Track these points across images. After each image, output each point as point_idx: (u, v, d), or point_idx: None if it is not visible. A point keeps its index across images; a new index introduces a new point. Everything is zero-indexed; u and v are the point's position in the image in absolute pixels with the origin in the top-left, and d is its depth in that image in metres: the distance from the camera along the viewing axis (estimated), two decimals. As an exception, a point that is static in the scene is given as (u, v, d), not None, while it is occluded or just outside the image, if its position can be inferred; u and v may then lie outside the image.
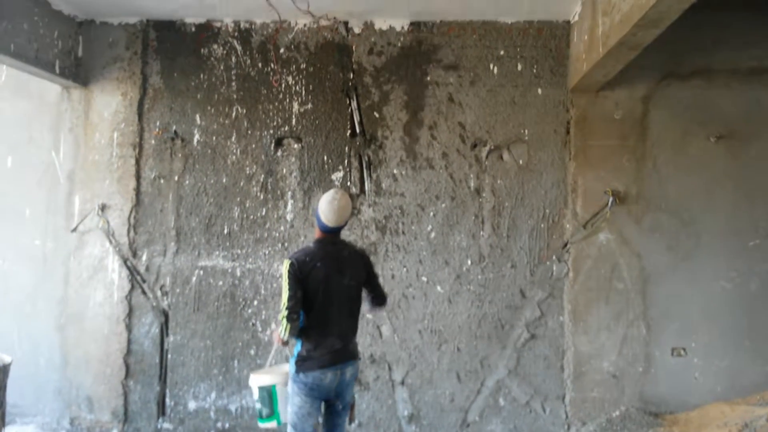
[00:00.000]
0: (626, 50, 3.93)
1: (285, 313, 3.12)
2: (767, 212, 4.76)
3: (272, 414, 3.43)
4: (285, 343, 3.23)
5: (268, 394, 3.43)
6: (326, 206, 3.25)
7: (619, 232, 4.75)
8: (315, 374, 3.19)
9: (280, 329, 3.13)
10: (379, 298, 3.55)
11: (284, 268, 3.19)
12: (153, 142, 4.97)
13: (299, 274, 3.17)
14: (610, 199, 4.71)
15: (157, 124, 4.97)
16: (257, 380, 3.47)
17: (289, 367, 3.29)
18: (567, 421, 4.67)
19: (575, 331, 4.72)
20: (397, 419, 4.74)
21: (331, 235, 3.34)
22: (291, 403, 3.26)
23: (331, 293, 3.24)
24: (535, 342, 4.74)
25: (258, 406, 3.45)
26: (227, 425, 4.78)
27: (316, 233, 3.38)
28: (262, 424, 3.48)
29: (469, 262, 4.82)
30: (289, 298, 3.14)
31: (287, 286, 3.15)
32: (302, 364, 3.21)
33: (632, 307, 4.72)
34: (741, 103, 4.81)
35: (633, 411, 4.64)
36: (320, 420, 3.39)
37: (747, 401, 4.55)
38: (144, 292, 4.89)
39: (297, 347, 3.27)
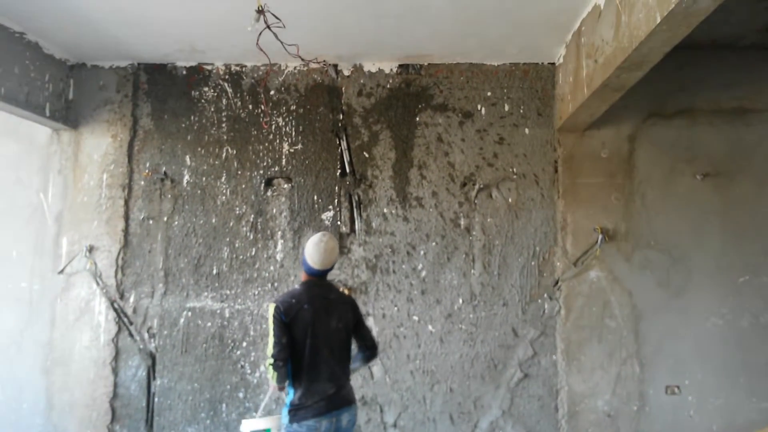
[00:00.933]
0: (610, 91, 4.01)
1: (270, 360, 3.08)
2: (756, 248, 4.78)
3: None
4: (282, 389, 3.17)
5: None
6: (313, 249, 3.22)
7: (609, 270, 4.75)
8: (309, 423, 3.09)
9: (269, 377, 3.08)
10: (369, 348, 3.45)
11: (269, 312, 3.13)
12: (142, 183, 4.97)
13: (285, 318, 3.11)
14: (600, 236, 4.73)
15: (147, 165, 4.98)
16: (250, 425, 3.39)
17: (282, 417, 3.20)
18: (562, 463, 4.60)
19: (569, 370, 4.67)
20: (390, 463, 4.65)
21: (317, 278, 3.31)
22: None
23: (320, 335, 3.17)
24: (529, 381, 4.69)
25: None
26: (215, 472, 4.67)
27: (302, 276, 3.35)
28: None
29: (461, 300, 4.79)
30: (274, 345, 3.08)
31: (272, 332, 3.10)
32: (296, 413, 3.11)
33: (625, 345, 4.69)
34: (725, 142, 4.89)
35: (629, 451, 4.57)
36: None
37: (743, 439, 4.50)
38: (131, 335, 4.82)
39: (289, 395, 3.18)
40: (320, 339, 3.16)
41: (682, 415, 4.65)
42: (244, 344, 4.78)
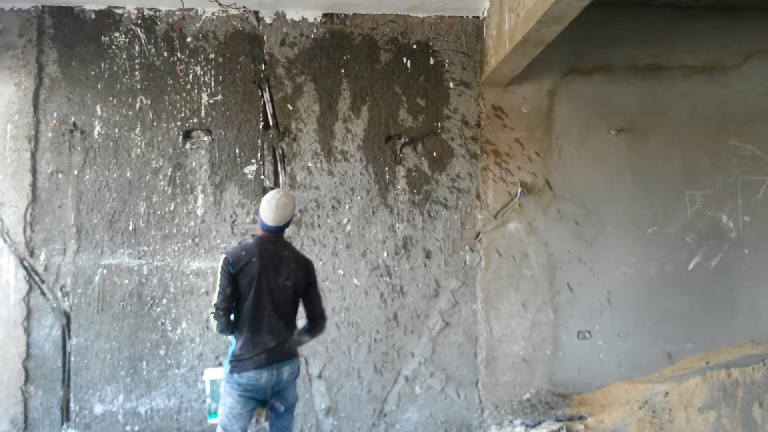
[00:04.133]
0: (531, 46, 4.05)
1: (212, 309, 3.18)
2: (664, 201, 5.05)
3: None
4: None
5: (219, 388, 3.39)
6: (265, 205, 3.27)
7: (527, 222, 4.91)
8: (250, 375, 3.17)
9: (210, 325, 3.19)
10: (315, 318, 3.43)
11: (220, 262, 3.22)
12: (50, 134, 4.68)
13: (232, 269, 3.18)
14: (519, 190, 4.86)
15: (54, 115, 4.69)
16: (210, 374, 3.49)
17: (224, 368, 3.26)
18: (480, 405, 4.80)
19: (487, 318, 4.85)
20: (315, 413, 4.72)
21: (272, 234, 3.32)
22: (222, 404, 3.24)
23: (265, 290, 3.22)
24: (450, 330, 4.83)
25: (209, 401, 3.47)
26: (137, 428, 4.60)
27: (258, 232, 3.38)
28: (211, 420, 3.47)
29: (385, 254, 4.84)
30: (218, 294, 3.18)
31: (218, 282, 3.19)
32: (237, 364, 3.19)
33: (540, 294, 4.90)
34: (639, 98, 5.08)
35: (543, 393, 4.83)
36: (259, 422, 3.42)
37: (648, 379, 4.82)
38: (43, 293, 4.62)
39: (231, 346, 3.25)
40: (264, 293, 3.22)
41: (593, 358, 4.93)
42: (164, 301, 4.67)
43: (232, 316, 3.25)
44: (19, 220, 4.63)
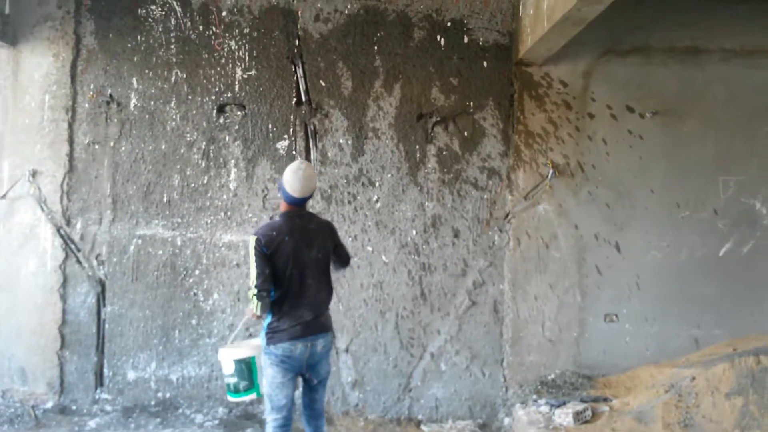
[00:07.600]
0: (570, 25, 3.98)
1: (254, 291, 3.15)
2: (697, 186, 4.98)
3: (252, 386, 3.39)
4: (259, 317, 3.22)
5: (248, 367, 3.36)
6: (291, 176, 3.24)
7: (558, 204, 4.89)
8: (285, 345, 3.21)
9: (252, 306, 3.16)
10: (342, 262, 3.60)
11: (250, 244, 3.19)
12: (87, 105, 4.76)
13: (266, 250, 3.18)
14: (551, 171, 4.83)
15: (92, 87, 4.77)
16: (233, 354, 3.39)
17: (261, 339, 3.31)
18: (505, 384, 4.84)
19: (514, 298, 4.86)
20: (341, 385, 4.79)
21: (297, 207, 3.33)
22: (265, 375, 3.28)
23: (300, 266, 3.25)
24: (476, 309, 4.86)
25: (233, 380, 3.37)
26: (168, 395, 4.73)
27: (282, 206, 3.37)
28: (235, 398, 3.46)
29: (414, 232, 4.87)
30: (257, 276, 3.16)
31: (254, 264, 3.17)
32: (273, 336, 3.23)
33: (568, 276, 4.89)
34: (676, 81, 4.98)
35: (568, 374, 4.84)
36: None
37: (674, 364, 4.82)
38: (79, 261, 4.73)
39: (267, 319, 3.28)
40: (300, 269, 3.25)
41: (619, 342, 4.93)
42: (197, 272, 4.76)
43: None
44: (56, 190, 4.74)
